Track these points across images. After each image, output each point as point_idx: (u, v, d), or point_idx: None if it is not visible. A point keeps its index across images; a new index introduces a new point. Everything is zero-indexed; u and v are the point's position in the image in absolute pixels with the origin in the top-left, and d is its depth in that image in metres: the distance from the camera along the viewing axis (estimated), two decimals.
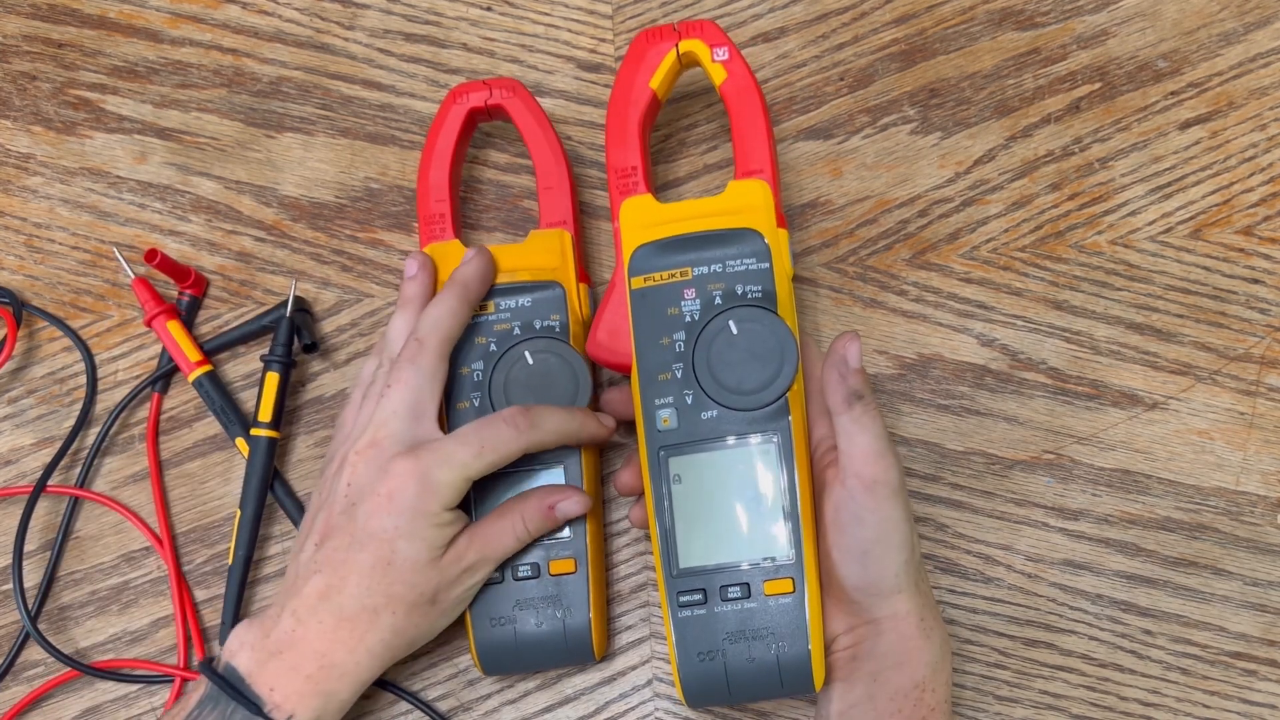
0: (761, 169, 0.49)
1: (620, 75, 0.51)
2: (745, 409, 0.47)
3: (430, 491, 0.45)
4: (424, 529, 0.46)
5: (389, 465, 0.46)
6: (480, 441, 0.46)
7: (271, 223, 0.58)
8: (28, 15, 0.61)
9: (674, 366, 0.47)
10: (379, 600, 0.46)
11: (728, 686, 0.46)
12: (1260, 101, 0.57)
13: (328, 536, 0.47)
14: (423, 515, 0.45)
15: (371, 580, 0.45)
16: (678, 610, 0.46)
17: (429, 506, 0.46)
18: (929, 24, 0.59)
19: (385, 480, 0.46)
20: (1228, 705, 0.52)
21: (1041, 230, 0.56)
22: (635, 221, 0.49)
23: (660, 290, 0.48)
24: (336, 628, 0.46)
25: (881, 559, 0.44)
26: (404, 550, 0.45)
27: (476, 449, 0.46)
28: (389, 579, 0.46)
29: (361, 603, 0.46)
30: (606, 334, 0.49)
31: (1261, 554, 0.53)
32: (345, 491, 0.47)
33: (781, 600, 0.46)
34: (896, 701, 0.44)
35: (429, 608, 0.47)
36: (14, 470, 0.57)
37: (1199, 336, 0.55)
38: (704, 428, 0.47)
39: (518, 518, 0.48)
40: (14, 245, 0.59)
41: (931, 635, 0.45)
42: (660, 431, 0.47)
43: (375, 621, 0.46)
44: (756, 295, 0.47)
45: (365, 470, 0.46)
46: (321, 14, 0.60)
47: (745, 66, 0.50)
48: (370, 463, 0.46)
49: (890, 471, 0.44)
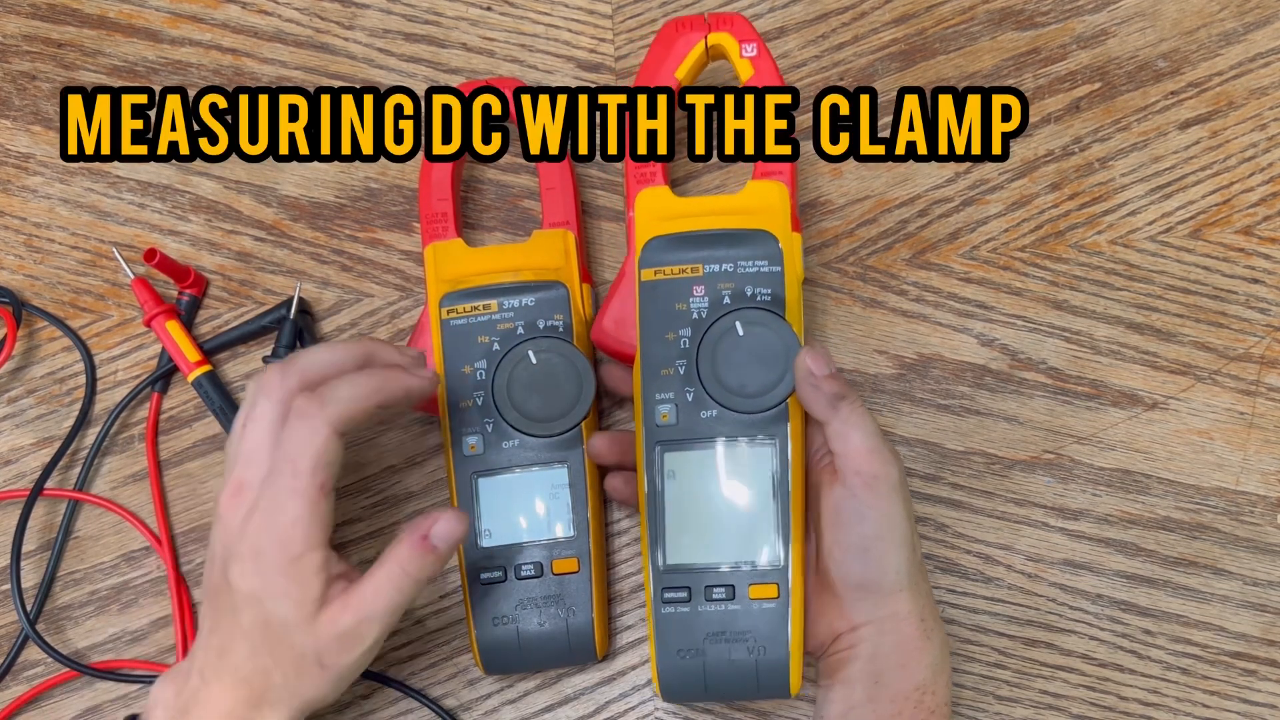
0: (781, 170, 0.49)
1: (646, 63, 0.50)
2: (746, 411, 0.46)
3: (286, 541, 0.42)
4: (288, 584, 0.42)
5: (247, 523, 0.43)
6: (292, 461, 0.42)
7: (271, 222, 0.58)
8: (28, 15, 0.61)
9: (677, 362, 0.47)
10: (267, 661, 0.43)
11: (704, 684, 0.46)
12: (1260, 101, 0.57)
13: (214, 595, 0.44)
14: (282, 570, 0.42)
15: (254, 640, 0.43)
16: (661, 606, 0.46)
17: (286, 557, 0.42)
18: (929, 24, 0.59)
19: (246, 539, 0.42)
20: (1228, 705, 0.53)
21: (1041, 230, 0.57)
22: (650, 213, 0.49)
23: (670, 284, 0.48)
24: (235, 688, 0.43)
25: (883, 555, 0.44)
26: (276, 610, 0.42)
27: (291, 468, 0.42)
28: (270, 639, 0.43)
29: (253, 663, 0.43)
30: (613, 322, 0.49)
31: (1261, 554, 0.53)
32: (220, 550, 0.44)
33: (765, 605, 0.46)
34: (897, 704, 0.44)
35: (318, 670, 0.43)
36: (14, 470, 0.56)
37: (1199, 336, 0.55)
38: (702, 426, 0.47)
39: (394, 565, 0.43)
40: (14, 245, 0.59)
41: (932, 636, 0.45)
42: (658, 426, 0.47)
43: (269, 681, 0.43)
44: (765, 298, 0.47)
45: (231, 525, 0.43)
46: (321, 14, 0.60)
47: (773, 65, 0.50)
48: (233, 516, 0.43)
49: (890, 466, 0.44)
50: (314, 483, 0.42)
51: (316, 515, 0.42)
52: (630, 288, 0.48)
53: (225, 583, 0.43)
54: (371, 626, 0.43)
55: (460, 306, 0.51)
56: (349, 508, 0.55)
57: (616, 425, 0.55)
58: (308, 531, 0.42)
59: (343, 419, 0.43)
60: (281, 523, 0.42)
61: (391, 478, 0.56)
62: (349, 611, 0.43)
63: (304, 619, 0.42)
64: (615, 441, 0.49)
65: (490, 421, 0.51)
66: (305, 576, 0.42)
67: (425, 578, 0.44)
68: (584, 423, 0.51)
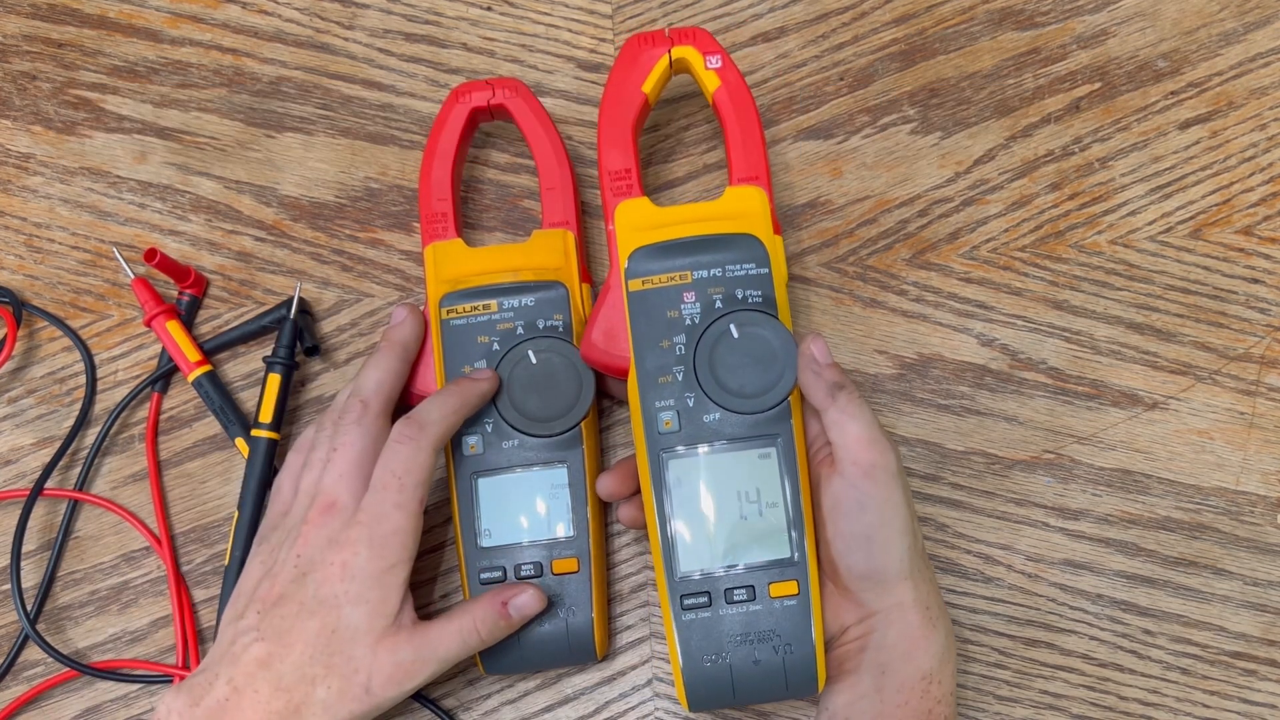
0: (757, 176, 0.49)
1: (612, 78, 0.51)
2: (748, 412, 0.47)
3: (380, 548, 0.45)
4: (372, 592, 0.45)
5: (339, 535, 0.45)
6: (396, 475, 0.46)
7: (271, 222, 0.58)
8: (28, 15, 0.61)
9: (675, 369, 0.47)
10: (318, 670, 0.44)
11: (733, 690, 0.46)
12: (1260, 101, 0.57)
13: (275, 605, 0.45)
14: (373, 577, 0.45)
15: (315, 648, 0.44)
16: (681, 614, 0.46)
17: (381, 565, 0.45)
18: (929, 24, 0.59)
19: (338, 550, 0.45)
20: (1228, 705, 0.53)
21: (1041, 230, 0.56)
22: (631, 224, 0.49)
23: (659, 293, 0.48)
24: (271, 698, 0.44)
25: (886, 544, 0.44)
26: (350, 617, 0.45)
27: (397, 485, 0.46)
28: (331, 648, 0.44)
29: (302, 672, 0.44)
30: (602, 336, 0.48)
31: (1261, 554, 0.53)
32: (295, 562, 0.46)
33: (787, 602, 0.46)
34: (904, 693, 0.44)
35: (362, 695, 0.45)
36: (14, 470, 0.56)
37: (1199, 336, 0.55)
38: (706, 430, 0.47)
39: (469, 620, 0.47)
40: (14, 245, 0.59)
41: (937, 625, 0.45)
42: (662, 434, 0.47)
43: (310, 693, 0.44)
44: (757, 300, 0.47)
45: (315, 541, 0.46)
46: (321, 14, 0.60)
47: (738, 74, 0.50)
48: (320, 531, 0.46)
49: (887, 455, 0.44)
50: (416, 497, 0.46)
51: (415, 530, 0.46)
52: (616, 301, 0.48)
53: (299, 590, 0.45)
54: (425, 668, 0.45)
55: (460, 306, 0.51)
56: None
57: (617, 425, 0.55)
58: (405, 543, 0.45)
59: (441, 439, 0.47)
60: (382, 533, 0.45)
61: None
62: (411, 646, 0.45)
63: (373, 633, 0.45)
64: (622, 473, 0.49)
65: (490, 421, 0.51)
66: (389, 588, 0.45)
67: (490, 640, 0.47)
68: (584, 423, 0.51)
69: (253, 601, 0.46)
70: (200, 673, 0.46)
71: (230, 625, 0.46)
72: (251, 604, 0.46)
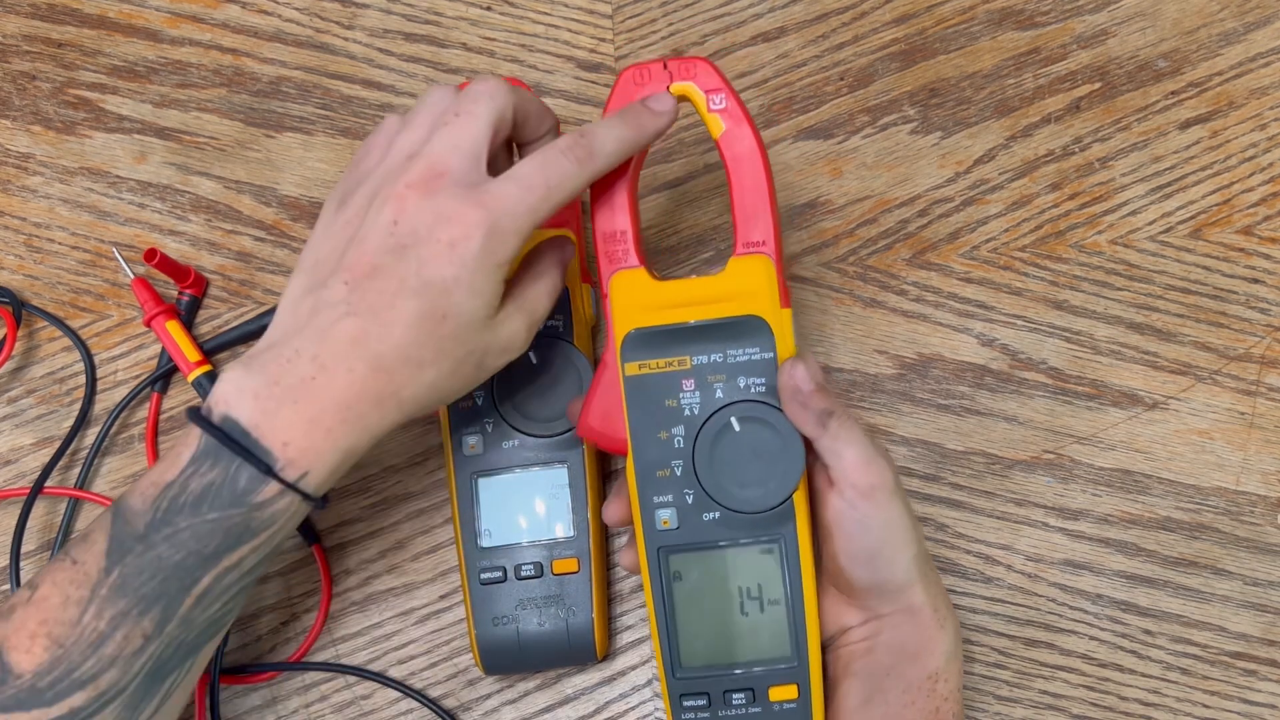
0: (764, 240, 0.45)
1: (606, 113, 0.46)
2: (749, 512, 0.44)
3: (498, 243, 0.40)
4: (485, 284, 0.40)
5: (450, 210, 0.40)
6: (546, 183, 0.41)
7: (271, 222, 0.58)
8: (28, 15, 0.61)
9: (673, 463, 0.45)
10: (427, 355, 0.40)
11: None
12: (1260, 101, 0.57)
13: (369, 276, 0.40)
14: (486, 269, 0.40)
15: (421, 333, 0.40)
16: (682, 713, 0.45)
17: (495, 259, 0.40)
18: (929, 24, 0.59)
19: (446, 226, 0.40)
20: (1228, 705, 0.53)
21: (1041, 230, 0.56)
22: (628, 301, 0.45)
23: (658, 379, 0.44)
24: (369, 377, 0.40)
25: (891, 559, 0.43)
26: (463, 305, 0.40)
27: (543, 192, 0.41)
28: (441, 333, 0.40)
29: (406, 354, 0.40)
30: (599, 419, 0.45)
31: (1261, 554, 0.53)
32: (390, 229, 0.40)
33: (786, 706, 0.45)
34: (910, 694, 0.44)
35: (474, 370, 0.42)
36: (14, 470, 0.56)
37: (1199, 336, 0.55)
38: (705, 530, 0.45)
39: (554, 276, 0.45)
40: (14, 245, 0.59)
41: (946, 624, 0.44)
42: (660, 532, 0.45)
43: (416, 376, 0.40)
44: (760, 389, 0.44)
45: (418, 209, 0.40)
46: (321, 14, 0.60)
47: (744, 114, 0.45)
48: (425, 200, 0.40)
49: (884, 474, 0.42)
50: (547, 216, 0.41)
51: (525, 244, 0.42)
52: (612, 381, 0.45)
53: (399, 264, 0.40)
54: (531, 334, 0.44)
55: None
56: (349, 508, 0.55)
57: None
58: (518, 248, 0.41)
59: (602, 173, 0.43)
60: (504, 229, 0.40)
61: (392, 478, 0.56)
62: (521, 314, 0.43)
63: (486, 318, 0.41)
64: (625, 503, 0.47)
65: (490, 421, 0.51)
66: (498, 283, 0.41)
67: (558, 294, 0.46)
68: None
69: (339, 270, 0.41)
70: (272, 347, 0.41)
71: (310, 295, 0.41)
72: (337, 272, 0.41)
